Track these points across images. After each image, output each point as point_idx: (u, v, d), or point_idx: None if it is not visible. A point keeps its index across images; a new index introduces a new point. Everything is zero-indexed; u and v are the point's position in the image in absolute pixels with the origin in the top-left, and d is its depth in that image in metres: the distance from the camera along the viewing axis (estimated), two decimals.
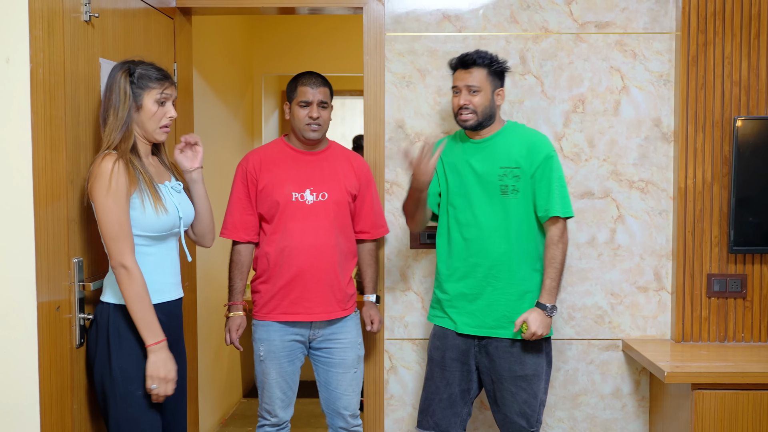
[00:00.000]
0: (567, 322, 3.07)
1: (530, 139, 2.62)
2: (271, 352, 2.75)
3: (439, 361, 2.68)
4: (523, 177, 2.57)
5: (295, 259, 2.70)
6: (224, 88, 4.42)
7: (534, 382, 2.59)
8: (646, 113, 3.03)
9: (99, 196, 2.09)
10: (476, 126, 2.61)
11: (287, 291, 2.72)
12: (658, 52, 3.02)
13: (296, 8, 3.18)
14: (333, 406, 2.82)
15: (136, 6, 2.64)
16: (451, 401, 2.65)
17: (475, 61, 2.59)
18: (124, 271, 2.10)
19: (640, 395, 3.09)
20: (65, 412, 2.15)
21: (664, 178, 3.04)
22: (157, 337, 2.14)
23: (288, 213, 2.72)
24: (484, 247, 2.60)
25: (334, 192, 2.76)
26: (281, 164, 2.77)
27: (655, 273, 3.06)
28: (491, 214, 2.59)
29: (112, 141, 2.15)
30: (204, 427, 3.88)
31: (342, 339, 2.79)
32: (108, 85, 2.19)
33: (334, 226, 2.74)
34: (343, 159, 2.85)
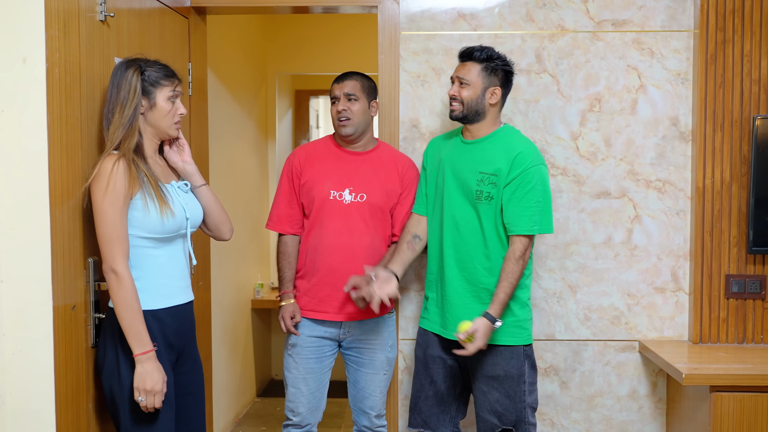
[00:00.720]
0: (583, 323, 3.04)
1: (515, 149, 2.53)
2: (299, 346, 2.75)
3: (422, 358, 2.69)
4: (499, 185, 2.53)
5: (327, 258, 2.70)
6: (238, 87, 4.42)
7: (506, 382, 2.55)
8: (664, 112, 3.00)
9: (96, 197, 2.06)
10: (461, 118, 2.59)
11: (318, 289, 2.72)
12: (676, 51, 2.99)
13: (310, 7, 3.17)
14: (359, 405, 2.82)
15: (151, 5, 2.64)
16: (437, 398, 2.65)
17: (471, 55, 2.58)
18: (113, 276, 2.05)
19: (657, 397, 3.06)
20: (80, 411, 2.15)
21: (681, 177, 3.01)
22: (144, 346, 2.07)
23: (325, 211, 2.71)
24: (457, 249, 2.58)
25: (374, 194, 2.73)
26: (325, 161, 2.77)
27: (673, 273, 3.03)
28: (468, 218, 2.57)
29: (116, 139, 2.11)
30: (218, 426, 3.88)
31: (372, 340, 2.78)
32: (115, 83, 2.15)
33: (369, 227, 2.73)
34: (390, 161, 2.81)
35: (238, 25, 4.45)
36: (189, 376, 2.31)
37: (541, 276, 3.03)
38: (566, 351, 3.05)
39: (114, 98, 2.14)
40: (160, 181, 2.19)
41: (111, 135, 2.12)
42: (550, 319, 3.04)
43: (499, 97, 2.59)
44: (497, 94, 2.58)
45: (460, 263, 2.58)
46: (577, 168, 3.01)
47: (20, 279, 2.05)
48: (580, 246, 3.03)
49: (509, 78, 2.62)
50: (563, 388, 3.06)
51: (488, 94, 2.57)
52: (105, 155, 2.10)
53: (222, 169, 3.94)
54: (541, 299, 3.04)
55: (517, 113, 3.01)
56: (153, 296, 2.16)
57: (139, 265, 2.14)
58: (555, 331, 3.04)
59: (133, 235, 2.12)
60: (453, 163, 2.62)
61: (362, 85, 2.77)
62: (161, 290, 2.18)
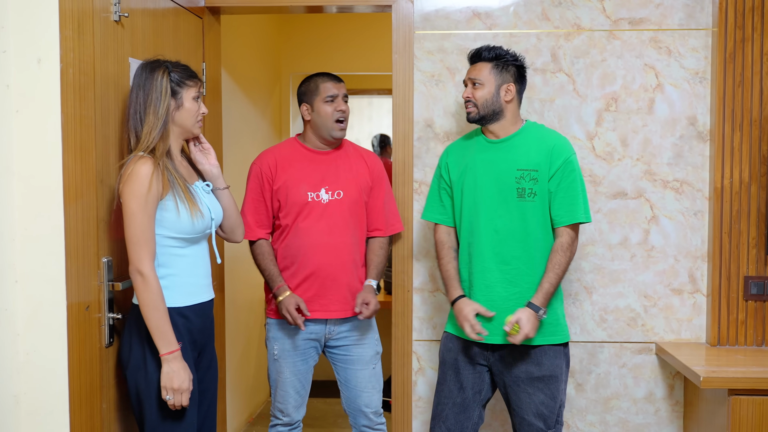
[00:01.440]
0: (599, 325, 3.01)
1: (551, 142, 2.53)
2: (285, 351, 2.76)
3: (452, 363, 2.61)
4: (541, 180, 2.51)
5: (312, 258, 2.70)
6: (252, 87, 4.42)
7: (551, 383, 2.52)
8: (681, 111, 2.97)
9: (127, 199, 2.10)
10: (478, 120, 2.56)
11: (303, 290, 2.72)
12: (694, 49, 2.95)
13: (324, 6, 3.16)
14: (355, 405, 2.81)
15: (165, 5, 2.64)
16: (464, 405, 2.60)
17: (480, 55, 2.56)
18: (140, 277, 2.09)
19: (673, 400, 3.02)
20: (94, 411, 2.16)
21: (699, 177, 2.97)
22: (170, 346, 2.12)
23: (304, 212, 2.72)
24: (498, 251, 2.52)
25: (350, 190, 2.75)
26: (296, 164, 2.77)
27: (690, 275, 2.99)
28: (507, 218, 2.52)
29: (152, 140, 2.15)
30: (231, 426, 3.88)
31: (359, 335, 2.78)
32: (141, 84, 2.18)
33: (350, 224, 2.74)
34: (357, 156, 2.84)
35: (252, 25, 4.45)
36: (206, 373, 2.34)
37: None
38: (582, 353, 3.02)
39: (143, 100, 2.17)
40: (187, 183, 2.23)
41: (146, 136, 2.16)
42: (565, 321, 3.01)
43: (514, 93, 2.55)
44: (512, 91, 2.55)
45: (503, 265, 2.52)
46: (593, 168, 2.98)
47: (34, 279, 2.05)
48: (596, 247, 3.00)
49: (522, 74, 2.59)
50: (579, 390, 3.03)
51: (503, 92, 2.54)
52: (136, 158, 2.13)
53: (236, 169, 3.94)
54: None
55: (532, 113, 2.98)
56: (180, 294, 2.20)
57: (167, 263, 2.18)
58: (570, 332, 3.01)
59: (162, 236, 2.16)
60: (485, 165, 2.56)
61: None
62: (187, 288, 2.22)
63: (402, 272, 3.05)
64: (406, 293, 3.04)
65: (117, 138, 2.28)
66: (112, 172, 2.25)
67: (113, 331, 2.24)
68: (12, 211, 2.04)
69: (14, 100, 2.03)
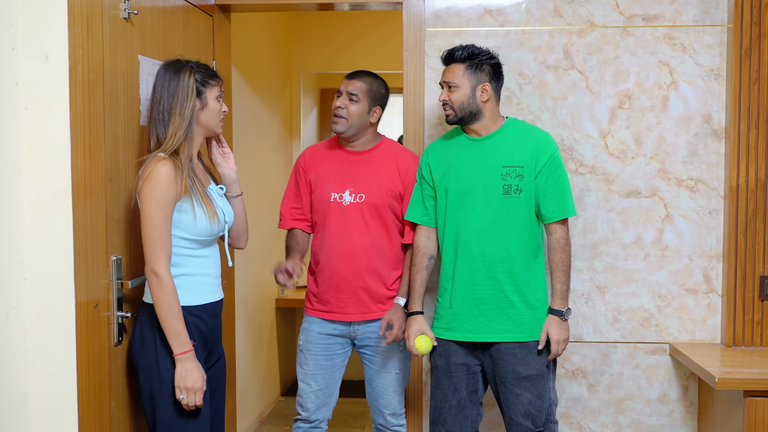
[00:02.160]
0: (612, 325, 2.98)
1: (535, 138, 2.52)
2: (309, 343, 2.75)
3: (444, 367, 2.60)
4: (527, 176, 2.49)
5: (330, 260, 2.70)
6: (263, 86, 4.41)
7: (538, 382, 2.50)
8: (696, 109, 2.93)
9: (145, 200, 2.09)
10: (456, 121, 2.54)
11: (324, 290, 2.72)
12: (709, 46, 2.91)
13: (335, 4, 3.14)
14: (375, 403, 2.80)
15: (175, 3, 2.63)
16: (460, 406, 2.58)
17: (453, 56, 2.53)
18: (155, 278, 2.09)
19: (688, 401, 2.98)
20: (103, 410, 2.15)
21: (714, 176, 2.93)
22: (184, 346, 2.12)
23: (327, 213, 2.71)
24: (484, 249, 2.50)
25: (373, 194, 2.70)
26: (327, 162, 2.76)
27: (705, 275, 2.95)
28: (492, 215, 2.50)
29: (177, 141, 2.15)
30: (242, 425, 3.88)
31: (384, 339, 2.74)
32: (165, 86, 2.16)
33: (370, 228, 2.69)
34: (391, 159, 2.76)
35: (262, 23, 4.44)
36: (215, 371, 2.34)
37: None
38: (594, 353, 2.99)
39: (168, 100, 2.16)
40: (203, 185, 2.23)
41: (170, 137, 2.15)
42: (578, 321, 2.98)
43: (491, 92, 2.51)
44: (488, 90, 2.51)
45: (489, 262, 2.50)
46: (606, 166, 2.95)
47: (43, 277, 2.05)
48: (609, 246, 2.97)
49: (498, 71, 2.56)
50: (591, 391, 3.00)
51: (479, 92, 2.50)
52: (156, 158, 2.12)
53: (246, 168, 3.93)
54: (569, 300, 2.97)
55: (544, 110, 2.95)
56: (192, 293, 2.20)
57: (180, 263, 2.18)
58: (583, 332, 2.98)
59: (177, 237, 2.16)
60: (468, 163, 2.54)
61: (369, 88, 2.72)
62: (199, 287, 2.22)
63: None
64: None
65: (126, 136, 2.28)
66: (122, 170, 2.24)
67: (122, 330, 2.23)
68: (20, 209, 2.03)
69: (23, 97, 2.03)
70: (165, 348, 2.14)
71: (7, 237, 2.00)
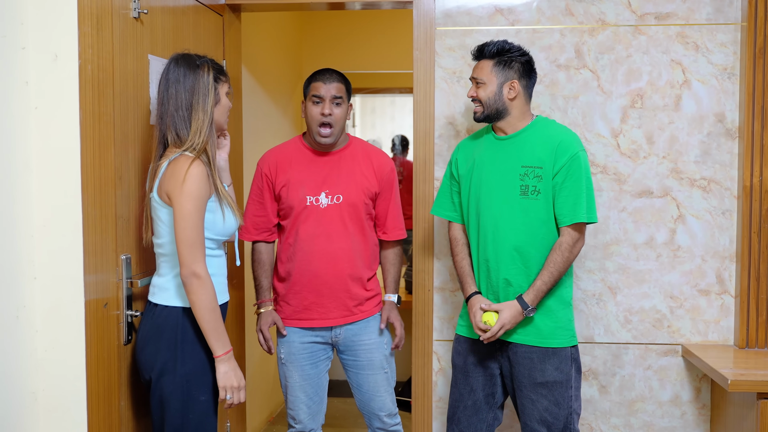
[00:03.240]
0: (623, 326, 2.95)
1: (557, 137, 2.43)
2: (292, 354, 2.70)
3: (462, 366, 2.58)
4: (546, 177, 2.41)
5: (309, 265, 2.64)
6: (273, 85, 4.41)
7: (555, 389, 2.43)
8: (709, 108, 2.90)
9: (183, 201, 2.04)
10: (483, 119, 2.49)
11: (301, 297, 2.67)
12: (722, 44, 2.88)
13: (346, 3, 3.13)
14: (368, 408, 2.77)
15: (185, 3, 2.63)
16: (475, 408, 2.55)
17: (481, 53, 2.50)
18: (196, 280, 2.05)
19: (700, 403, 2.96)
20: (112, 409, 2.15)
21: (727, 176, 2.90)
22: (226, 347, 2.11)
23: (302, 217, 2.65)
24: (500, 249, 2.46)
25: (350, 194, 2.66)
26: (297, 166, 2.69)
27: (718, 275, 2.92)
28: (509, 215, 2.45)
29: (201, 138, 2.12)
30: (251, 425, 3.88)
31: (366, 341, 2.72)
32: (180, 80, 2.12)
33: (349, 229, 2.66)
34: (363, 157, 2.73)
35: (272, 23, 4.44)
36: None
37: (580, 277, 2.95)
38: (606, 354, 2.97)
39: (187, 97, 2.12)
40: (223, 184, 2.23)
41: (194, 134, 2.12)
42: (589, 321, 2.96)
43: (519, 89, 2.46)
44: (515, 88, 2.46)
45: (505, 263, 2.46)
46: (618, 166, 2.93)
47: (53, 276, 2.05)
48: (621, 246, 2.94)
49: (529, 67, 2.50)
50: (602, 393, 2.98)
51: (506, 89, 2.46)
52: (185, 158, 2.08)
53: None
54: (580, 300, 2.96)
55: (555, 110, 2.93)
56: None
57: None
58: (594, 333, 2.96)
59: None
60: (491, 161, 2.51)
61: (346, 87, 2.69)
62: (218, 287, 2.19)
63: (422, 271, 3.01)
64: (426, 293, 3.01)
65: (136, 135, 2.28)
66: (131, 169, 2.24)
67: (131, 329, 2.23)
68: (30, 208, 2.04)
69: (33, 96, 2.03)
70: (186, 352, 2.11)
71: (18, 236, 2.00)
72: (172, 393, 2.12)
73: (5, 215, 1.96)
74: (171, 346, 2.12)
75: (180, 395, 2.11)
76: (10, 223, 1.98)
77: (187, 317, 2.13)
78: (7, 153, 1.97)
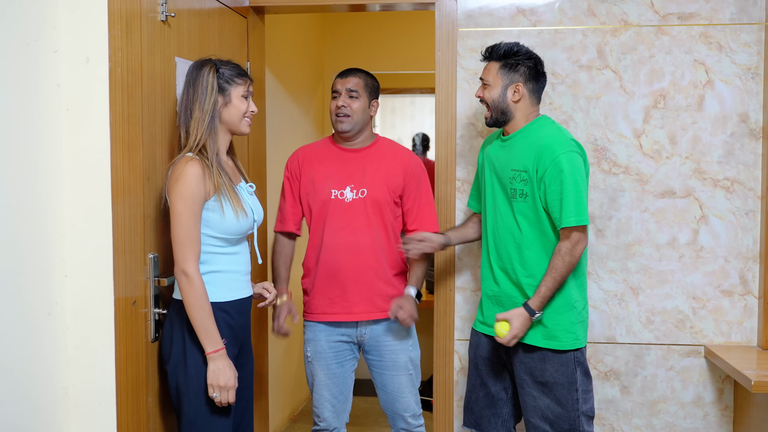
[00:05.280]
0: (645, 326, 2.95)
1: (542, 142, 2.42)
2: (318, 353, 2.73)
3: (473, 359, 2.66)
4: (530, 181, 2.43)
5: (332, 258, 2.68)
6: (296, 86, 4.45)
7: (557, 389, 2.44)
8: (733, 108, 2.89)
9: (175, 200, 2.12)
10: (492, 123, 2.54)
11: (326, 290, 2.70)
12: (746, 44, 2.87)
13: (367, 5, 3.16)
14: (392, 408, 2.79)
15: (210, 6, 2.67)
16: (488, 400, 2.60)
17: (490, 55, 2.52)
18: (185, 277, 2.11)
19: (723, 404, 2.95)
20: (140, 405, 2.19)
21: (751, 176, 2.89)
22: (216, 345, 2.14)
23: (327, 211, 2.69)
24: (499, 251, 2.54)
25: (375, 189, 2.70)
26: (324, 161, 2.75)
27: (741, 276, 2.91)
28: (505, 216, 2.52)
29: (200, 136, 2.16)
30: (274, 423, 3.91)
31: (391, 341, 2.74)
32: (191, 82, 2.20)
33: (373, 224, 2.69)
34: (390, 156, 2.77)
35: (295, 24, 4.48)
36: (243, 369, 2.35)
37: (601, 277, 2.95)
38: (628, 355, 2.97)
39: (191, 96, 2.19)
40: (232, 184, 2.25)
41: (193, 131, 2.18)
42: (610, 322, 2.96)
43: (523, 93, 2.47)
44: (520, 91, 2.47)
45: (502, 263, 2.54)
46: (640, 166, 2.92)
47: (83, 274, 2.10)
48: (643, 247, 2.94)
49: (536, 71, 2.50)
50: (624, 393, 2.98)
51: (510, 92, 2.48)
52: (185, 158, 2.14)
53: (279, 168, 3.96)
54: (602, 301, 2.96)
55: (577, 110, 2.94)
56: (221, 289, 2.22)
57: (209, 261, 2.20)
58: (616, 334, 2.96)
59: (206, 235, 2.19)
60: (493, 162, 2.58)
61: (365, 83, 2.74)
62: (228, 283, 2.24)
63: (444, 271, 3.03)
64: (448, 292, 3.03)
65: (163, 136, 2.32)
66: (159, 169, 2.28)
67: (158, 326, 2.27)
68: (61, 208, 2.08)
69: (64, 98, 2.08)
70: (194, 345, 2.16)
71: (49, 235, 2.05)
72: (185, 384, 2.17)
73: (38, 215, 2.01)
74: (180, 339, 2.18)
75: (192, 387, 2.16)
76: (42, 223, 2.02)
77: None
78: (39, 154, 2.01)
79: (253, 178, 3.03)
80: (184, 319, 2.17)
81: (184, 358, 2.17)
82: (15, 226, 1.92)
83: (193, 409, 2.17)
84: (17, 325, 1.93)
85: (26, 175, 1.96)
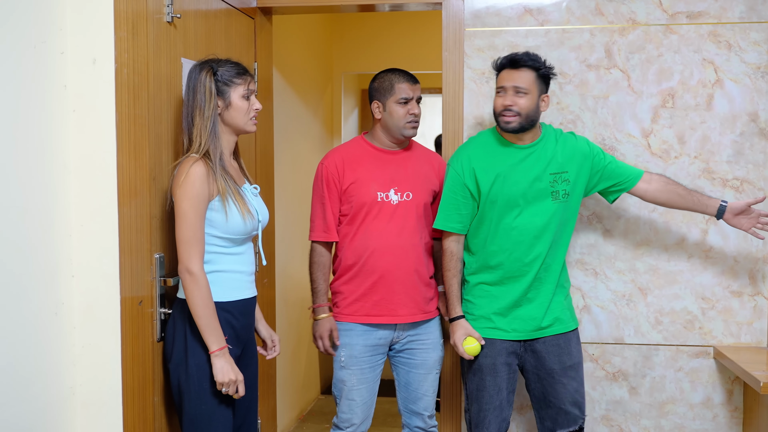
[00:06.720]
0: (654, 327, 2.93)
1: (571, 143, 2.60)
2: (353, 357, 2.68)
3: (490, 367, 2.59)
4: (574, 180, 2.56)
5: (380, 260, 2.64)
6: (304, 87, 4.45)
7: (579, 369, 2.62)
8: (742, 108, 2.87)
9: (180, 200, 2.12)
10: (518, 129, 2.50)
11: (371, 293, 2.66)
12: (756, 43, 2.85)
13: (376, 5, 3.16)
14: (412, 407, 2.77)
15: (217, 6, 2.68)
16: (500, 407, 2.61)
17: (525, 62, 2.49)
18: (189, 276, 2.12)
19: (732, 406, 2.92)
20: (146, 404, 2.20)
21: (761, 176, 2.86)
22: (220, 343, 2.15)
23: (373, 213, 2.66)
24: (533, 251, 2.54)
25: (419, 192, 2.70)
26: (364, 163, 2.70)
27: (751, 277, 2.88)
28: (539, 219, 2.53)
29: (203, 142, 2.17)
30: (282, 423, 3.92)
31: (425, 340, 2.74)
32: (190, 86, 2.21)
33: (418, 226, 2.69)
34: (425, 158, 2.79)
35: (303, 25, 4.49)
36: (246, 369, 2.35)
37: (609, 277, 2.94)
38: (636, 355, 2.95)
39: (192, 102, 2.20)
40: (237, 185, 2.25)
41: (197, 138, 2.18)
42: (619, 322, 2.95)
43: (548, 103, 2.60)
44: (547, 102, 2.56)
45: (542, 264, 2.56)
46: (649, 166, 2.91)
47: (90, 274, 2.11)
48: (652, 247, 2.92)
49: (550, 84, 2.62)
50: (632, 394, 2.96)
51: (541, 102, 2.53)
52: (189, 159, 2.15)
53: (287, 169, 3.98)
54: (610, 301, 2.94)
55: (585, 110, 2.92)
56: (224, 289, 2.23)
57: (212, 260, 2.21)
58: (624, 334, 2.95)
59: (210, 235, 2.19)
60: (521, 172, 2.54)
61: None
62: (232, 284, 2.24)
63: None
64: None
65: (169, 137, 2.33)
66: (165, 170, 2.29)
67: (164, 326, 2.28)
68: (68, 208, 2.10)
69: (71, 99, 2.09)
70: (195, 343, 2.16)
71: (56, 235, 2.06)
72: (186, 383, 2.18)
73: (45, 215, 2.02)
74: (182, 338, 2.18)
75: (192, 385, 2.17)
76: (50, 223, 2.04)
77: None
78: (47, 155, 2.03)
79: (261, 179, 3.04)
80: (186, 317, 2.17)
81: (186, 357, 2.18)
82: (22, 227, 1.94)
83: (194, 408, 2.18)
84: (24, 325, 1.95)
85: (33, 176, 1.98)
